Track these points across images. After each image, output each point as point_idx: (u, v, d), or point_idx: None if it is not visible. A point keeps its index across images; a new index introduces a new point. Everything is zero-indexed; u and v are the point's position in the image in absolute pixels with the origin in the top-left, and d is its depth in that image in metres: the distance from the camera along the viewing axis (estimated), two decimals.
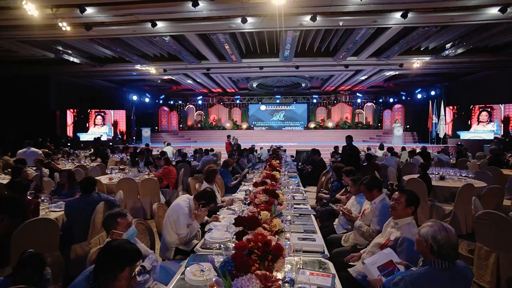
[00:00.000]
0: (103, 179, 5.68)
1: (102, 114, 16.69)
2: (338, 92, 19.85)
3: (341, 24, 7.70)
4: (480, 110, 14.37)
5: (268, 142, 15.11)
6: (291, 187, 4.24)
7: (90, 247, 3.01)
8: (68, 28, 7.22)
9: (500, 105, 13.80)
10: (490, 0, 6.39)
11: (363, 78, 15.02)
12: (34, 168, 5.70)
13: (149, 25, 7.54)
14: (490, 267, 3.11)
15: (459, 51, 9.90)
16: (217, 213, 3.19)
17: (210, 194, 2.94)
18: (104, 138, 15.70)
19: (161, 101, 20.83)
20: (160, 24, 7.67)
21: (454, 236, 1.61)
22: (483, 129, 14.26)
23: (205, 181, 3.78)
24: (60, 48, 9.93)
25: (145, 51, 11.22)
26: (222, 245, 2.12)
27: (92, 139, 14.13)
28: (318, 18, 7.16)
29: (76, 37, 8.48)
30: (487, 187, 4.79)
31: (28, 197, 3.35)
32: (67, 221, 3.33)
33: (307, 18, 7.23)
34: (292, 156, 11.63)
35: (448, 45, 10.14)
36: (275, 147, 11.02)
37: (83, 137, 15.71)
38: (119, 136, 17.02)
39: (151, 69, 12.54)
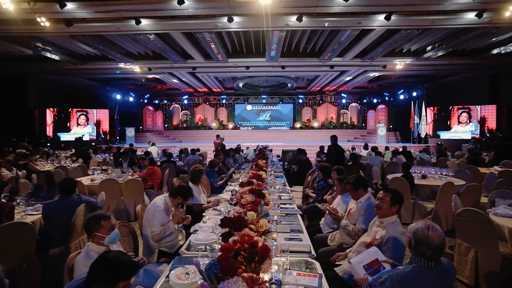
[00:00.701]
0: (85, 180, 5.50)
1: (85, 113, 16.21)
2: (323, 93, 20.08)
3: (326, 25, 7.78)
4: (460, 111, 14.88)
5: (255, 142, 15.10)
6: (277, 187, 4.23)
7: (70, 251, 2.89)
8: (47, 24, 6.95)
9: (477, 106, 14.34)
10: (467, 5, 6.61)
11: (347, 78, 15.25)
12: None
13: (133, 22, 7.36)
14: (469, 262, 3.21)
15: (439, 53, 10.21)
16: (203, 213, 3.14)
17: (186, 189, 2.88)
18: (86, 138, 15.25)
19: (145, 101, 20.44)
20: (144, 22, 7.51)
21: (437, 238, 1.59)
22: (462, 129, 14.77)
23: (190, 181, 3.72)
24: (39, 45, 9.55)
25: (129, 49, 10.96)
26: (208, 247, 2.08)
27: (74, 139, 13.69)
28: (304, 18, 7.20)
29: (56, 33, 8.18)
30: (465, 185, 4.95)
31: (3, 200, 3.19)
32: (45, 225, 3.19)
33: (293, 18, 7.27)
34: (278, 156, 11.66)
35: (429, 48, 10.44)
36: (261, 147, 11.02)
37: (64, 137, 15.20)
38: (102, 136, 16.59)
39: (135, 68, 12.28)
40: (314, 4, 6.65)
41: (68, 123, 15.72)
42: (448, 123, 15.16)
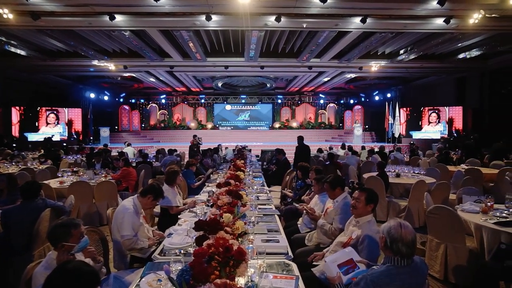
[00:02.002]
0: (53, 183, 5.20)
1: (55, 112, 15.41)
2: (302, 93, 20.33)
3: (304, 26, 7.86)
4: (430, 112, 15.60)
5: (234, 142, 15.01)
6: (255, 187, 4.20)
7: (33, 260, 2.70)
8: (11, 16, 6.52)
9: (445, 107, 15.10)
10: (436, 11, 6.92)
11: (325, 79, 15.53)
12: None
13: (106, 18, 7.06)
14: (439, 257, 3.34)
15: (411, 56, 10.63)
16: (179, 216, 3.05)
17: (157, 187, 2.77)
18: (57, 138, 14.52)
19: (121, 100, 19.77)
20: (119, 18, 7.23)
21: (409, 233, 1.64)
22: (432, 130, 15.48)
23: (165, 182, 3.61)
24: (3, 39, 8.95)
25: (103, 46, 10.53)
26: (182, 251, 2.01)
27: (43, 140, 12.98)
28: (282, 19, 7.24)
29: (21, 26, 7.69)
30: (436, 183, 5.16)
31: None
32: (4, 232, 2.95)
33: (272, 18, 7.28)
34: (257, 156, 11.67)
35: (402, 51, 10.84)
36: (240, 147, 10.97)
37: (32, 137, 14.36)
38: (75, 136, 15.86)
39: (110, 66, 11.82)
40: (292, 4, 6.69)
41: (37, 123, 14.87)
42: (420, 124, 15.84)
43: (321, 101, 20.81)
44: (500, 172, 6.32)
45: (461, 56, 10.70)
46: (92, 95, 16.82)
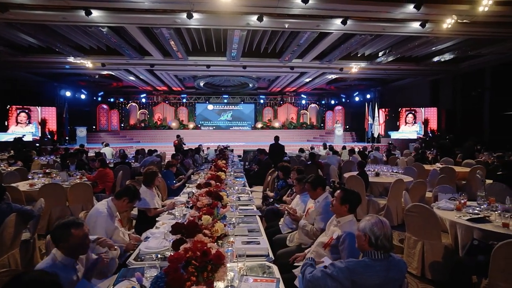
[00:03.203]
0: (22, 185, 4.92)
1: (27, 111, 14.67)
2: (284, 93, 20.45)
3: (286, 26, 7.89)
4: (407, 112, 16.13)
5: (216, 142, 14.89)
6: (236, 187, 4.15)
7: None
8: None
9: (421, 108, 15.67)
10: (413, 15, 7.16)
11: (307, 80, 15.70)
12: None
13: (82, 13, 6.77)
14: (417, 254, 3.42)
15: (390, 59, 10.94)
16: (156, 218, 2.95)
17: (133, 189, 2.66)
18: (29, 138, 13.81)
19: (99, 98, 19.10)
20: (95, 13, 6.96)
21: (388, 228, 1.73)
22: (409, 130, 16.01)
23: (143, 184, 3.49)
24: None
25: (79, 42, 10.11)
26: (159, 256, 1.93)
27: (12, 140, 12.30)
28: (264, 18, 7.22)
29: None
30: (413, 181, 5.32)
31: None
32: None
33: (254, 18, 7.26)
34: (239, 156, 11.61)
35: (380, 53, 11.13)
36: (222, 147, 10.87)
37: (2, 137, 13.60)
38: (49, 136, 15.16)
39: (87, 63, 11.37)
40: (274, 4, 6.69)
41: (6, 122, 14.09)
42: (397, 124, 16.34)
43: (303, 102, 21.03)
44: (471, 171, 6.60)
45: (435, 59, 11.13)
46: (68, 94, 16.13)
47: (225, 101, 20.56)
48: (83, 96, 17.43)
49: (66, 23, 7.72)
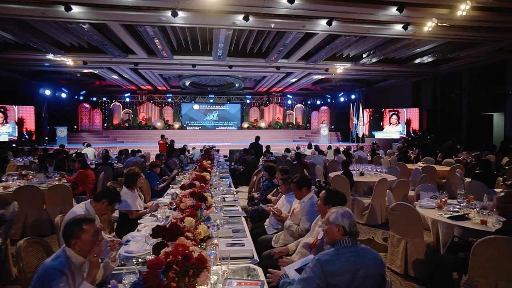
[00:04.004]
0: None
1: (2, 110, 14.05)
2: (270, 93, 20.49)
3: (272, 26, 7.88)
4: (390, 113, 16.49)
5: (202, 142, 14.75)
6: (221, 188, 4.10)
7: None
8: None
9: (404, 109, 16.07)
10: (396, 18, 7.31)
11: (293, 80, 15.78)
12: None
13: (61, 8, 6.51)
14: (400, 252, 3.47)
15: (374, 60, 11.14)
16: (138, 221, 2.86)
17: (113, 191, 2.57)
18: (5, 138, 13.24)
19: (81, 97, 18.51)
20: (76, 9, 6.72)
21: (352, 215, 1.87)
22: (392, 130, 16.37)
23: (124, 185, 3.38)
24: None
25: (59, 39, 9.75)
26: (140, 260, 1.86)
27: None
28: (250, 18, 7.19)
29: None
30: (396, 180, 5.42)
31: None
32: None
33: (240, 17, 7.21)
34: (225, 156, 11.53)
35: (365, 54, 11.31)
36: (207, 147, 10.77)
37: None
38: (26, 137, 14.56)
39: (68, 61, 10.99)
40: (260, 4, 6.67)
41: None
42: (381, 124, 16.68)
43: (289, 102, 21.14)
44: (451, 169, 6.80)
45: (417, 61, 11.43)
46: (48, 92, 15.54)
47: (211, 101, 20.40)
48: (63, 95, 16.85)
49: (45, 18, 7.42)
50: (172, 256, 1.35)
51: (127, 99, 19.55)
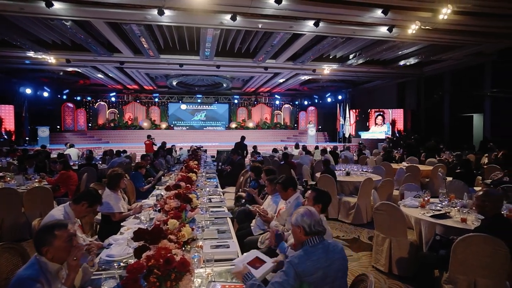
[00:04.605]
0: None
1: None
2: (258, 94, 20.51)
3: (260, 26, 7.89)
4: (376, 113, 16.79)
5: (189, 143, 14.61)
6: (208, 189, 4.07)
7: None
8: None
9: (389, 110, 16.39)
10: (381, 20, 7.45)
11: (281, 81, 15.84)
12: None
13: (42, 4, 6.31)
14: (385, 251, 3.53)
15: (360, 61, 11.32)
16: (122, 223, 2.80)
17: (93, 193, 2.50)
18: None
19: (64, 97, 18.01)
20: (57, 5, 6.52)
21: (316, 214, 1.88)
22: (378, 130, 16.67)
23: (107, 187, 3.29)
24: None
25: (41, 36, 9.43)
26: (121, 264, 1.81)
27: None
28: (238, 18, 7.17)
29: None
30: (381, 180, 5.51)
31: None
32: None
33: (227, 17, 7.18)
34: (213, 157, 11.47)
35: (351, 56, 11.47)
36: (195, 148, 10.68)
37: None
38: (5, 137, 14.03)
39: (50, 59, 10.65)
40: (248, 4, 6.66)
41: None
42: (367, 124, 16.96)
43: (277, 102, 21.22)
44: (434, 169, 6.98)
45: (401, 63, 11.68)
46: (29, 91, 15.02)
47: (199, 101, 20.24)
48: (46, 94, 16.34)
49: (25, 14, 7.17)
50: (153, 260, 1.32)
51: (113, 99, 19.17)
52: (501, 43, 9.10)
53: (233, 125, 20.55)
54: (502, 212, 2.86)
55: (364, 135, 16.83)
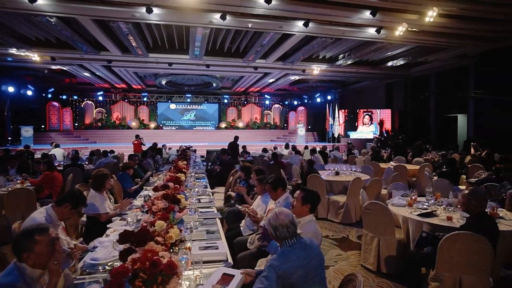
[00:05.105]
0: None
1: None
2: (248, 93, 20.49)
3: (250, 26, 7.86)
4: (364, 114, 17.01)
5: (178, 143, 14.47)
6: (197, 189, 4.02)
7: None
8: None
9: (377, 110, 16.64)
10: (369, 21, 7.54)
11: (270, 80, 15.86)
12: None
13: None
14: (373, 250, 3.57)
15: (349, 62, 11.45)
16: (108, 225, 2.73)
17: (77, 194, 2.42)
18: None
19: (49, 95, 17.52)
20: (41, 1, 6.32)
21: (285, 216, 1.85)
22: (366, 130, 16.90)
23: (92, 188, 3.21)
24: None
25: (24, 32, 9.14)
26: (107, 267, 1.76)
27: None
28: (228, 17, 7.13)
29: None
30: (370, 179, 5.58)
31: None
32: None
33: (217, 16, 7.13)
34: (202, 157, 11.38)
35: (340, 56, 11.58)
36: (184, 148, 10.58)
37: None
38: None
39: (34, 56, 10.35)
40: (237, 3, 6.63)
41: None
42: (356, 124, 17.17)
43: (267, 102, 21.25)
44: (420, 168, 7.12)
45: (389, 64, 11.87)
46: (11, 89, 14.53)
47: (188, 100, 20.06)
48: (29, 92, 15.86)
49: (6, 9, 6.93)
50: (139, 263, 1.29)
51: (100, 98, 18.81)
52: (483, 46, 9.37)
53: (223, 125, 20.46)
54: (486, 210, 2.93)
55: (353, 135, 17.03)
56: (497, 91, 10.02)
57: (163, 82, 17.06)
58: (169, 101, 19.91)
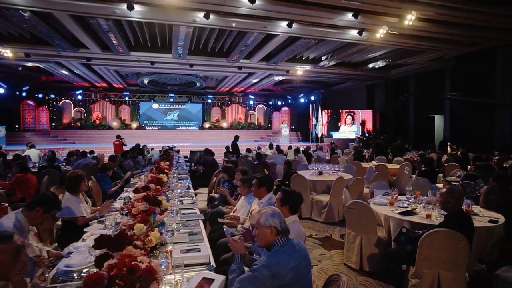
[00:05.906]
0: None
1: None
2: (232, 93, 20.41)
3: (234, 25, 7.83)
4: (346, 114, 17.32)
5: (161, 143, 14.19)
6: (179, 190, 3.94)
7: None
8: None
9: (359, 110, 16.99)
10: (351, 23, 7.70)
11: (255, 81, 15.87)
12: None
13: None
14: (356, 249, 3.61)
15: (332, 63, 11.63)
16: (84, 229, 2.61)
17: (49, 198, 2.29)
18: None
19: (24, 94, 16.72)
20: None
21: (280, 213, 1.88)
22: (348, 130, 17.21)
23: (66, 190, 3.07)
24: None
25: None
26: (82, 274, 1.68)
27: None
28: (211, 16, 7.07)
29: None
30: (352, 179, 5.66)
31: None
32: None
33: (201, 14, 7.05)
34: (186, 157, 11.22)
35: (323, 57, 11.73)
36: (167, 148, 10.38)
37: None
38: None
39: (6, 52, 9.85)
40: (221, 2, 6.58)
41: None
42: (338, 125, 17.45)
43: (251, 102, 21.23)
44: (400, 167, 7.31)
45: (370, 65, 12.15)
46: None
47: (171, 100, 19.73)
48: (1, 91, 15.07)
49: None
50: (116, 269, 1.23)
51: (79, 97, 18.18)
52: (459, 49, 9.76)
53: (207, 125, 20.28)
54: (462, 208, 3.03)
55: (336, 135, 17.29)
56: (471, 94, 10.45)
57: (146, 81, 16.71)
58: (152, 100, 19.53)
